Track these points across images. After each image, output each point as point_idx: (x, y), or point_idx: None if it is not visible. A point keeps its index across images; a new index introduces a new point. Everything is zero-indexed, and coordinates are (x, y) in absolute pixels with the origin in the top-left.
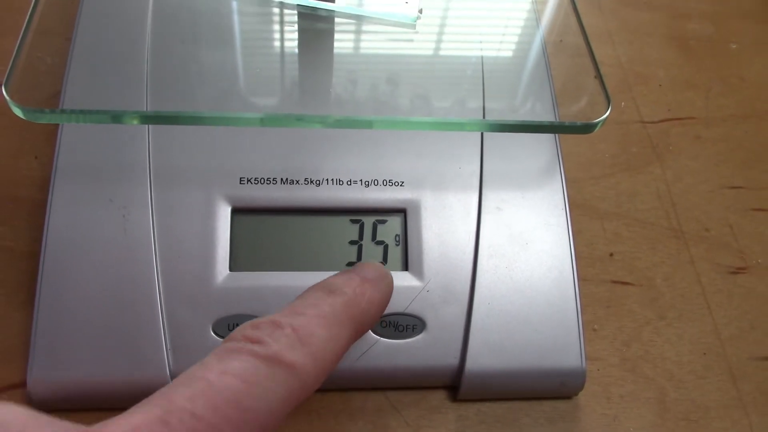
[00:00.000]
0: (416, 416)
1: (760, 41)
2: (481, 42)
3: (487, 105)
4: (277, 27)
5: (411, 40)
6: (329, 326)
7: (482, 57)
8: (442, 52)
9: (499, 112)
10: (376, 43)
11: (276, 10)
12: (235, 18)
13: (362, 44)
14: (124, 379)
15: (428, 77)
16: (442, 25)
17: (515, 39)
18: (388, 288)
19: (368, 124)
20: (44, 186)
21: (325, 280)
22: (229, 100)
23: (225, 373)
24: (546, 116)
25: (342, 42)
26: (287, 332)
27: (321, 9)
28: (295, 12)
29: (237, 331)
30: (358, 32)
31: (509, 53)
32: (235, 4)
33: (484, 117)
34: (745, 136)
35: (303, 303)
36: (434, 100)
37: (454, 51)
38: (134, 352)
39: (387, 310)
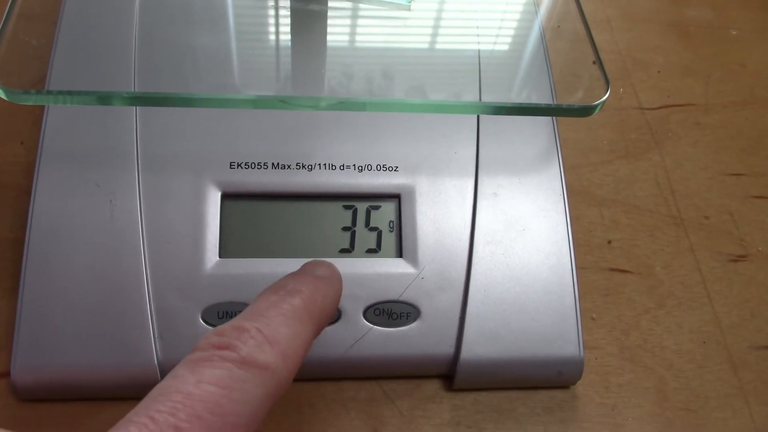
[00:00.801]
0: (410, 406)
1: (761, 28)
2: (477, 26)
3: (483, 89)
4: (269, 8)
5: (406, 23)
6: (292, 324)
7: (479, 41)
8: (437, 36)
9: (496, 96)
10: (370, 26)
11: None
12: (226, 4)
13: (356, 27)
14: (111, 369)
15: (424, 61)
16: (438, 9)
17: (513, 24)
18: (340, 283)
19: (362, 107)
20: (30, 172)
21: (277, 281)
22: (220, 83)
23: (202, 382)
24: (545, 99)
25: (336, 25)
26: (254, 334)
27: None
28: None
29: (202, 341)
30: (352, 14)
31: (507, 38)
32: None
33: (480, 100)
34: (745, 122)
35: (262, 305)
36: (430, 84)
37: (450, 34)
38: (121, 341)
39: (380, 298)
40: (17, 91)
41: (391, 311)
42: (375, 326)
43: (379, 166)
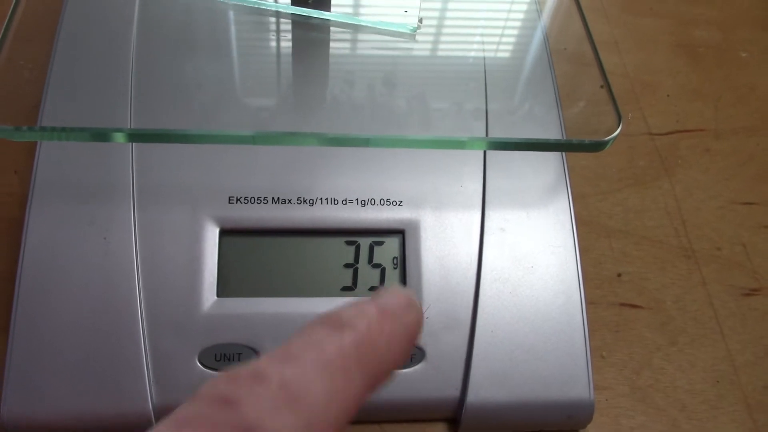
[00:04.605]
0: None
1: None
2: (484, 52)
3: (490, 121)
4: (271, 37)
5: (411, 52)
6: (332, 377)
7: (485, 69)
8: (443, 64)
9: (503, 127)
10: (374, 55)
11: (270, 20)
12: (226, 28)
13: (360, 56)
14: (103, 413)
15: (429, 91)
16: (443, 35)
17: (519, 49)
18: (416, 322)
19: (365, 142)
20: (24, 203)
21: (332, 310)
22: (219, 116)
23: None
24: (552, 131)
25: (339, 54)
26: (273, 388)
27: (316, 18)
28: (290, 21)
29: (204, 389)
30: (355, 43)
31: (513, 65)
32: (226, 14)
33: (487, 133)
34: (757, 148)
35: (300, 342)
36: (435, 115)
37: (455, 63)
38: (114, 384)
39: None
40: (8, 128)
41: None
42: None
43: (382, 201)
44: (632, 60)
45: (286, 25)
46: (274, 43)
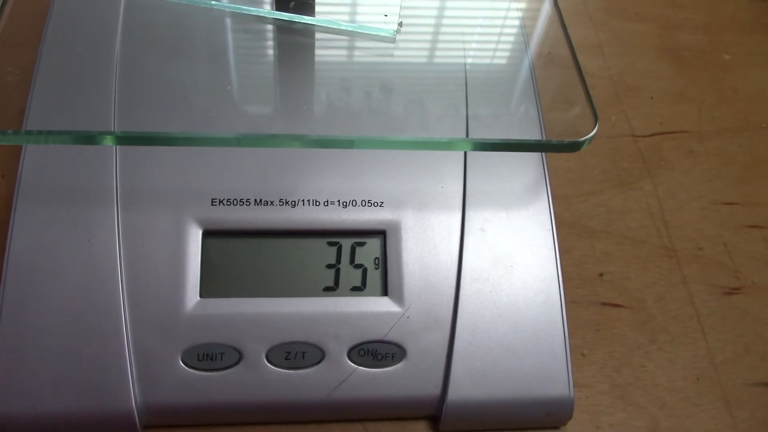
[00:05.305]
0: None
1: (754, 52)
2: (464, 55)
3: (471, 123)
4: (253, 41)
5: (391, 56)
6: None
7: (466, 71)
8: (423, 68)
9: (484, 129)
10: (355, 58)
11: (252, 25)
12: (209, 32)
13: (341, 60)
14: (87, 413)
15: (409, 94)
16: (423, 39)
17: (501, 52)
18: None
19: (349, 144)
20: (9, 206)
21: None
22: (202, 119)
23: None
24: (532, 132)
25: (320, 57)
26: None
27: (298, 23)
28: (272, 26)
29: None
30: (336, 47)
31: (494, 67)
32: (209, 19)
33: (467, 134)
34: (739, 150)
35: None
36: (416, 117)
37: (436, 66)
38: (98, 383)
39: (365, 338)
40: None
41: (376, 352)
42: (360, 367)
43: (364, 202)
44: (616, 63)
45: (269, 30)
46: (257, 47)
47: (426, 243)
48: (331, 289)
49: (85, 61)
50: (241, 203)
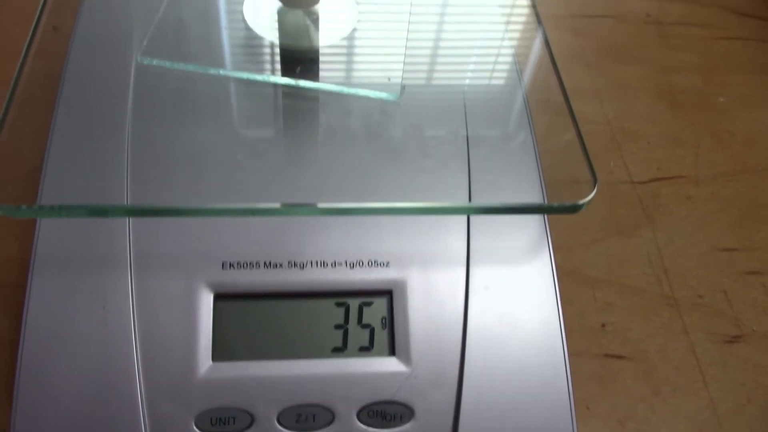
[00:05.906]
0: None
1: (749, 94)
2: (465, 113)
3: (473, 186)
4: (261, 106)
5: (394, 118)
6: None
7: (467, 132)
8: (426, 130)
9: (486, 191)
10: (358, 121)
11: (258, 89)
12: (218, 99)
13: (345, 124)
14: None
15: (412, 156)
16: (426, 100)
17: (501, 111)
18: None
19: (354, 211)
20: (24, 269)
21: None
22: (212, 186)
23: None
24: (533, 191)
25: (328, 122)
26: None
27: (303, 88)
28: (279, 92)
29: None
30: (341, 111)
31: (495, 127)
32: (217, 85)
33: (470, 197)
34: (736, 194)
35: None
36: (419, 181)
37: (438, 127)
38: None
39: (373, 398)
40: (9, 207)
41: (385, 412)
42: (369, 428)
43: (370, 262)
44: (613, 108)
45: (276, 95)
46: (265, 113)
47: (432, 301)
48: (339, 350)
49: (97, 126)
50: (251, 266)
